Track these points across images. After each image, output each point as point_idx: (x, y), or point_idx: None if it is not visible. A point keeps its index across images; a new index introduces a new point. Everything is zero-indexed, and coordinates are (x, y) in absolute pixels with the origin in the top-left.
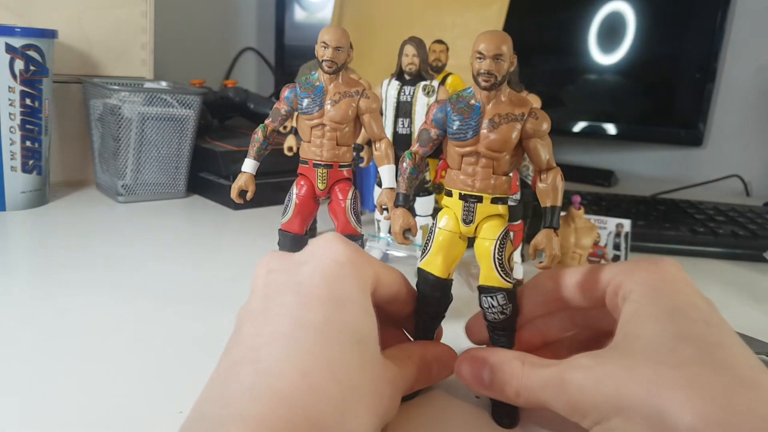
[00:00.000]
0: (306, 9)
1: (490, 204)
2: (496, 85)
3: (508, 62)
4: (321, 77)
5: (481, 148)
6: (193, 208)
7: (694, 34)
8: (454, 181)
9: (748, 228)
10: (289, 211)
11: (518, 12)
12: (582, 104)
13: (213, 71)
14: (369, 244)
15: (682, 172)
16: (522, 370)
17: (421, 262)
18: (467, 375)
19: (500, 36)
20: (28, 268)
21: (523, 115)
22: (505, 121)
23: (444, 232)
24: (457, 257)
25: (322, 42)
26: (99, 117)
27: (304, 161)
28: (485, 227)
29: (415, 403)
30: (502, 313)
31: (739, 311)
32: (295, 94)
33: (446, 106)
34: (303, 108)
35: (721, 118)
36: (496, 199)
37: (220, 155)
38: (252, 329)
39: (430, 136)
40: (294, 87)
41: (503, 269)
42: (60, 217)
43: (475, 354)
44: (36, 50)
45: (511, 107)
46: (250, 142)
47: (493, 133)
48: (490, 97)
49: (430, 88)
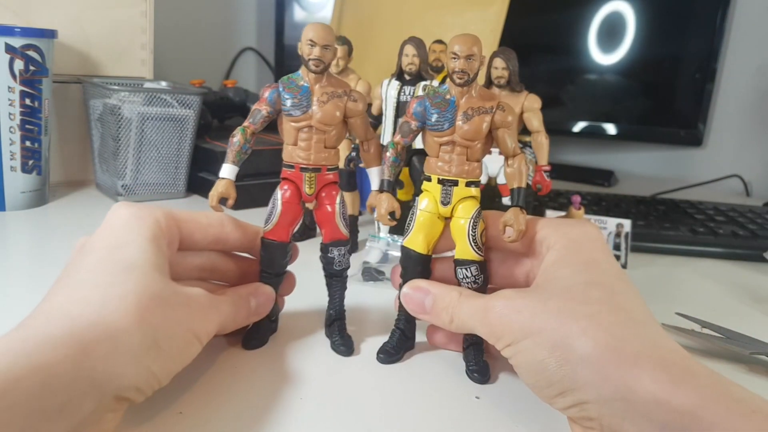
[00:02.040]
0: (306, 9)
1: (465, 187)
2: (469, 82)
3: (479, 62)
4: (306, 77)
5: (456, 138)
6: (193, 208)
7: (694, 34)
8: (432, 168)
9: (748, 228)
10: (274, 218)
11: (518, 12)
12: (582, 104)
13: (213, 71)
14: (369, 244)
15: (682, 172)
16: (458, 299)
17: (404, 241)
18: (411, 301)
19: (472, 38)
20: (28, 268)
21: (492, 108)
22: (477, 114)
23: (424, 213)
24: (435, 235)
25: (308, 40)
26: (99, 117)
27: (289, 165)
28: (460, 207)
29: (415, 404)
30: (474, 283)
31: (739, 311)
32: (278, 94)
33: (425, 100)
34: (288, 109)
35: (721, 118)
36: (470, 182)
37: (220, 155)
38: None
39: (410, 128)
40: (276, 87)
41: (476, 244)
42: (60, 217)
43: (419, 284)
44: (36, 50)
45: (481, 101)
46: (228, 146)
47: (467, 124)
48: (463, 92)
49: (430, 88)
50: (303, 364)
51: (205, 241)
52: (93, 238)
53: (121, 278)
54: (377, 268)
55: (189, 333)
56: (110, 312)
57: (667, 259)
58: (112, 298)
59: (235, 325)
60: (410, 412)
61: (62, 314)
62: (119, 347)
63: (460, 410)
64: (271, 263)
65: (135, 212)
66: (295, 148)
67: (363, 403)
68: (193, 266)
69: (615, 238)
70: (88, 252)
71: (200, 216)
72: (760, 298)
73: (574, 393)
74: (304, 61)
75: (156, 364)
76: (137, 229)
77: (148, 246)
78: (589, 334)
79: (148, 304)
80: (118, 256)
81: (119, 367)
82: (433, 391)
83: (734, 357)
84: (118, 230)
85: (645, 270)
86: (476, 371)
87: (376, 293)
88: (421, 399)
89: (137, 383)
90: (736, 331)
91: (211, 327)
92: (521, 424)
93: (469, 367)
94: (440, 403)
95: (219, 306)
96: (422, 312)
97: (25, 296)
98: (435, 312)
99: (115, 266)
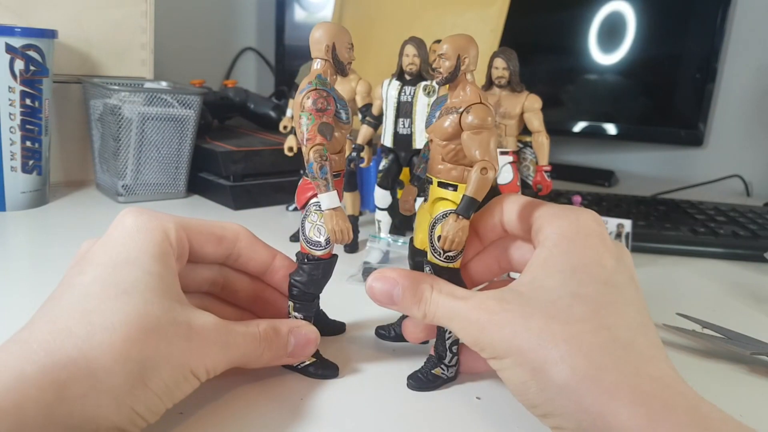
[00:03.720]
0: (306, 9)
1: (437, 187)
2: (446, 80)
3: (451, 61)
4: (332, 81)
5: (431, 135)
6: (193, 208)
7: (694, 34)
8: None
9: (748, 228)
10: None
11: (518, 12)
12: (582, 104)
13: (213, 71)
14: (369, 244)
15: (682, 172)
16: (431, 295)
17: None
18: (378, 292)
19: (450, 38)
20: (28, 268)
21: (461, 108)
22: (447, 113)
23: (420, 210)
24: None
25: (349, 43)
26: (99, 117)
27: (336, 174)
28: (434, 207)
29: (415, 404)
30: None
31: (739, 311)
32: (335, 100)
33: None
34: (342, 117)
35: (721, 118)
36: (442, 183)
37: (220, 155)
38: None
39: None
40: (327, 94)
41: (434, 248)
42: (60, 217)
43: (386, 273)
44: (36, 50)
45: (460, 102)
46: (321, 173)
47: (438, 121)
48: (451, 92)
49: (430, 88)
50: None
51: (217, 255)
52: (94, 249)
53: (112, 305)
54: (377, 268)
55: (183, 369)
56: (92, 347)
57: (668, 260)
58: (98, 330)
59: (261, 363)
60: (411, 413)
61: (39, 347)
62: (98, 387)
63: (461, 410)
64: (320, 284)
65: (142, 223)
66: (340, 155)
67: (362, 404)
68: (202, 279)
69: (615, 238)
70: (86, 267)
71: (214, 227)
72: (761, 298)
73: (555, 419)
74: (340, 65)
75: (141, 405)
76: (142, 245)
77: (153, 265)
78: (567, 362)
79: (138, 337)
80: (117, 277)
81: (98, 409)
82: (433, 391)
83: (735, 357)
84: (120, 245)
85: (646, 270)
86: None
87: None
88: (422, 399)
89: (119, 424)
90: (737, 332)
91: (216, 363)
92: (521, 424)
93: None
94: (441, 404)
95: (233, 341)
96: (390, 303)
97: (25, 296)
98: (404, 305)
99: (110, 290)
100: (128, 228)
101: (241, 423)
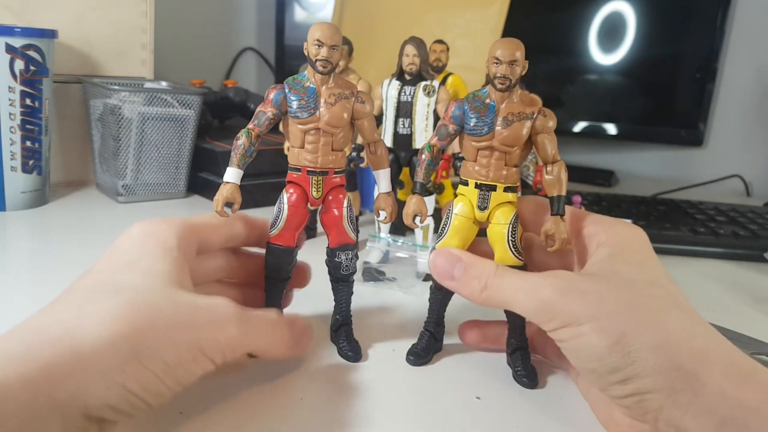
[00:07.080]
0: (306, 9)
1: (503, 192)
2: (510, 87)
3: (521, 67)
4: (312, 78)
5: (495, 143)
6: (194, 208)
7: (694, 34)
8: (470, 172)
9: (748, 228)
10: (280, 222)
11: (518, 12)
12: (582, 104)
13: (213, 71)
14: (369, 244)
15: (682, 172)
16: (495, 269)
17: (438, 244)
18: (440, 266)
19: (515, 43)
20: (28, 268)
21: (533, 113)
22: (518, 119)
23: (459, 218)
24: (469, 239)
25: (315, 40)
26: (99, 117)
27: (295, 168)
28: (498, 213)
29: (415, 402)
30: None
31: (739, 311)
32: (284, 95)
33: (464, 104)
34: (294, 111)
35: (721, 118)
36: (508, 188)
37: (220, 155)
38: None
39: (448, 131)
40: (282, 88)
41: (516, 249)
42: (60, 217)
43: (450, 251)
44: (36, 50)
45: (522, 106)
46: (232, 149)
47: (507, 129)
48: (504, 97)
49: (430, 88)
50: (304, 365)
51: (220, 242)
52: (101, 258)
53: (103, 298)
54: (377, 268)
55: (190, 349)
56: (80, 326)
57: (668, 259)
58: (87, 314)
59: (277, 350)
60: (411, 412)
61: (27, 330)
62: (84, 362)
63: (461, 410)
64: (277, 269)
65: (148, 229)
66: (301, 150)
67: (362, 404)
68: (213, 269)
69: None
70: (90, 272)
71: (212, 218)
72: (761, 298)
73: (638, 381)
74: (311, 62)
75: (133, 383)
76: (146, 248)
77: (155, 265)
78: (661, 325)
79: (129, 315)
80: (117, 277)
81: (85, 384)
82: (433, 391)
83: None
84: (123, 252)
85: None
86: (525, 376)
87: (377, 293)
88: (422, 399)
89: (109, 402)
90: (737, 332)
91: (232, 344)
92: (522, 424)
93: (517, 371)
94: (441, 404)
95: (249, 323)
96: (449, 278)
97: (25, 296)
98: (464, 280)
99: (106, 287)
100: (134, 236)
101: (241, 423)
